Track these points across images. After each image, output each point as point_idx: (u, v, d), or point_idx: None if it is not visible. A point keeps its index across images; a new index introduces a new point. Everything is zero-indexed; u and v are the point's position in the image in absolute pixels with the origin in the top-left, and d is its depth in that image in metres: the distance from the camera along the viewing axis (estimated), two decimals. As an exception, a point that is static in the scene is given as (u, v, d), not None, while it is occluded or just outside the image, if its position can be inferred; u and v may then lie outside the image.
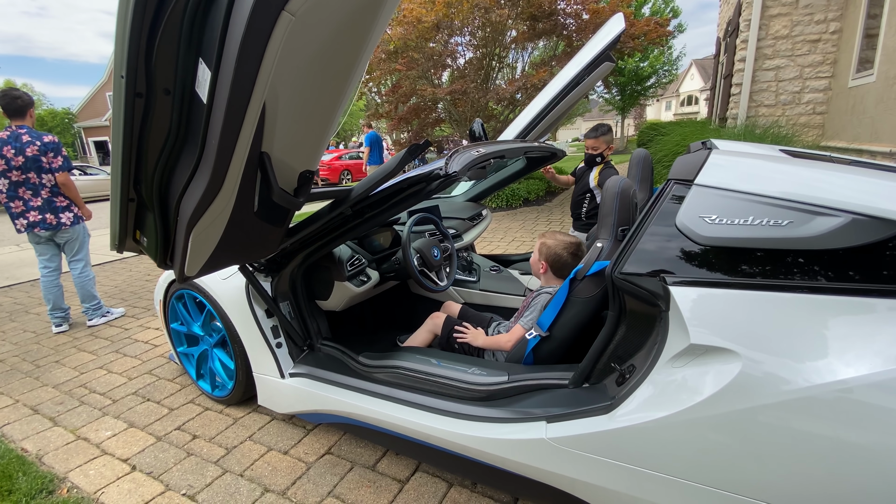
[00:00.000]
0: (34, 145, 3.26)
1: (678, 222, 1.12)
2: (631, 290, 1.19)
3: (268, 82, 1.04)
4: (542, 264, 1.91)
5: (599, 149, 3.32)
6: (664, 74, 25.36)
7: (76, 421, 2.43)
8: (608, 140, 3.31)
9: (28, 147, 3.25)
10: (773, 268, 1.03)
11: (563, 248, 1.85)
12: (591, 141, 3.33)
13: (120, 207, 1.47)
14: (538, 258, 1.93)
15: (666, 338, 1.11)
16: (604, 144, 3.31)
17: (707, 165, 1.17)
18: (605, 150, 3.32)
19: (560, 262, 1.85)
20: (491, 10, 7.12)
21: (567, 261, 1.83)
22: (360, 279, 2.11)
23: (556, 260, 1.86)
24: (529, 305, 1.85)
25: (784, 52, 6.66)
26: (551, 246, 1.88)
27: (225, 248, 1.52)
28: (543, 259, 1.91)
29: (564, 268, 1.82)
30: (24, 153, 3.24)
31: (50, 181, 3.41)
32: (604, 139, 3.31)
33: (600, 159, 3.35)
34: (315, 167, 1.47)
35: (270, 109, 1.17)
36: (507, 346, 1.77)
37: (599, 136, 3.31)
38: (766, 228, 1.03)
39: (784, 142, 5.46)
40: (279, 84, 1.09)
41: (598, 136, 3.30)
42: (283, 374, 2.03)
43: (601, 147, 3.32)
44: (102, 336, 3.65)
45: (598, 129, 3.35)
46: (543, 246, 1.91)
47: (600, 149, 3.32)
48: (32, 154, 3.26)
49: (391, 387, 1.73)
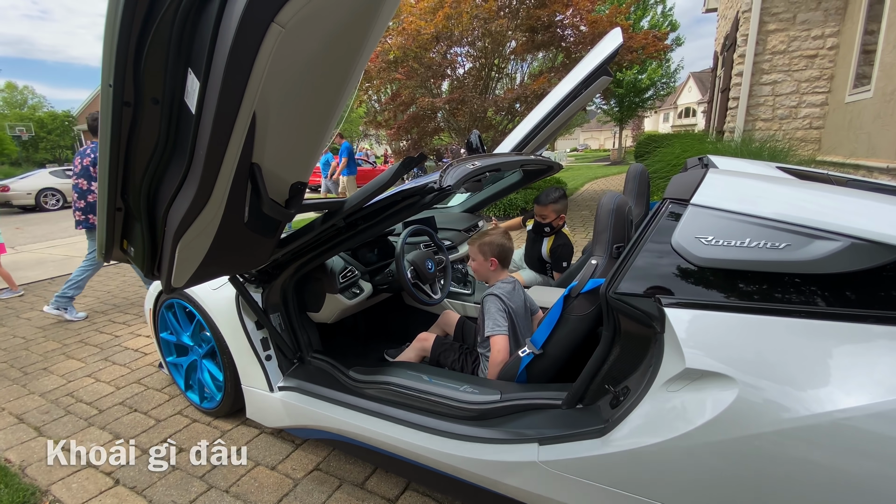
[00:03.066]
0: (89, 158, 3.92)
1: (674, 242, 1.10)
2: (625, 311, 1.16)
3: (257, 93, 1.02)
4: (492, 261, 1.97)
5: (548, 218, 2.81)
6: (662, 87, 25.61)
7: (61, 431, 2.39)
8: (559, 209, 2.80)
9: (86, 159, 3.93)
10: (770, 291, 1.00)
11: (499, 237, 1.97)
12: (539, 208, 2.82)
13: (107, 216, 1.45)
14: (483, 260, 1.99)
15: (661, 360, 1.09)
16: (553, 214, 2.80)
17: (703, 185, 1.15)
18: (555, 220, 2.82)
19: (504, 249, 1.96)
20: (490, 21, 7.16)
21: (508, 245, 1.97)
22: (352, 291, 2.08)
23: (501, 250, 1.96)
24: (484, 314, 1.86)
25: (781, 67, 6.71)
26: (490, 241, 1.97)
27: (214, 260, 1.50)
28: (491, 257, 1.97)
29: (508, 254, 1.97)
30: (82, 164, 3.93)
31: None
32: (553, 208, 2.79)
33: (549, 229, 2.87)
34: (306, 178, 1.45)
35: (261, 120, 1.15)
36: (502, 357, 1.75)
37: (549, 203, 2.80)
38: (763, 251, 1.01)
39: (781, 156, 5.47)
40: (270, 95, 1.08)
41: (548, 203, 2.80)
42: (273, 387, 1.99)
43: (550, 216, 2.80)
44: (92, 343, 3.60)
45: (549, 195, 2.82)
46: (483, 247, 1.98)
47: (549, 218, 2.81)
48: (86, 165, 3.92)
49: (381, 403, 1.69)
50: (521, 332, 1.89)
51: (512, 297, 1.88)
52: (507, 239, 1.98)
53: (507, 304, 1.83)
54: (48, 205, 14.10)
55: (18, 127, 26.93)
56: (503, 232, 2.00)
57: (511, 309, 1.84)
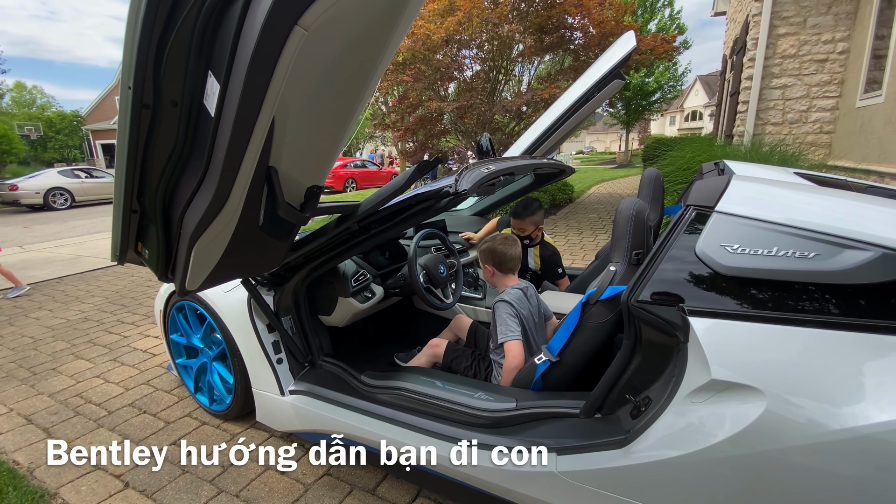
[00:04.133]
0: None
1: (698, 250, 1.08)
2: (648, 319, 1.14)
3: (277, 97, 1.01)
4: (488, 268, 1.96)
5: (527, 231, 2.72)
6: (669, 90, 25.51)
7: (70, 433, 2.38)
8: (536, 221, 2.73)
9: None
10: (798, 302, 0.98)
11: (492, 243, 1.94)
12: (517, 222, 2.72)
13: (122, 218, 1.44)
14: (482, 267, 1.99)
15: (684, 371, 1.07)
16: (531, 226, 2.72)
17: (728, 192, 1.14)
18: (534, 232, 2.76)
19: (497, 254, 1.92)
20: (500, 25, 7.16)
21: (505, 251, 1.91)
22: (364, 295, 2.06)
23: (494, 255, 1.93)
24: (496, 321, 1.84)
25: (791, 71, 6.66)
26: (484, 248, 1.95)
27: (228, 263, 1.49)
28: (486, 264, 1.96)
29: (507, 259, 1.92)
30: None
31: None
32: (531, 220, 2.71)
33: (528, 241, 2.79)
34: (322, 182, 1.44)
35: (280, 124, 1.14)
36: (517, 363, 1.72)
37: (526, 216, 2.70)
38: (792, 260, 0.99)
39: (791, 160, 5.43)
40: (290, 99, 1.07)
41: (526, 216, 2.70)
42: (283, 391, 1.98)
43: (528, 229, 2.72)
44: (101, 343, 3.60)
45: (527, 208, 2.72)
46: (480, 254, 1.98)
47: (528, 231, 2.72)
48: None
49: (394, 408, 1.68)
50: (533, 338, 1.87)
51: (522, 302, 1.87)
52: (501, 244, 1.93)
53: (517, 309, 1.82)
54: (56, 204, 14.20)
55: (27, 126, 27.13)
56: (501, 240, 1.95)
57: (522, 315, 1.83)
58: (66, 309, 4.58)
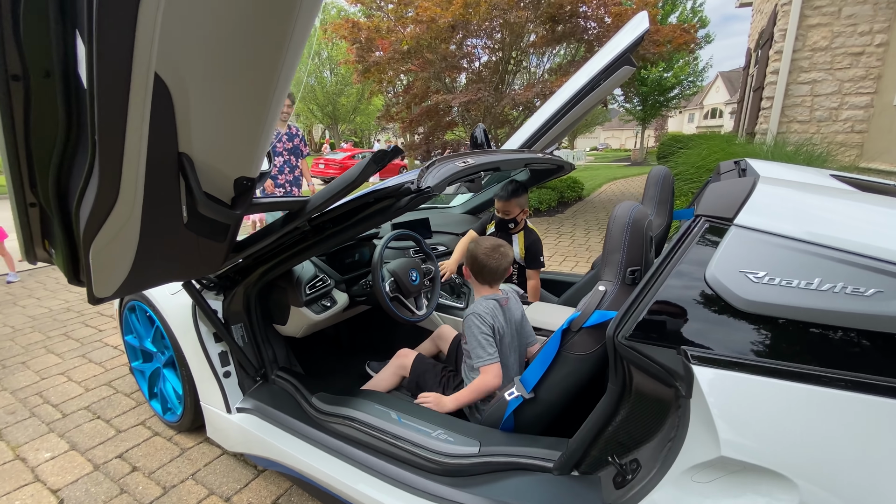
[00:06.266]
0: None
1: (709, 277, 0.81)
2: (639, 362, 0.88)
3: (151, 56, 0.76)
4: (466, 271, 1.74)
5: (511, 213, 2.60)
6: (688, 85, 24.71)
7: (20, 436, 2.21)
8: (521, 203, 2.61)
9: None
10: (849, 357, 0.71)
11: (482, 251, 1.68)
12: (501, 203, 2.61)
13: (19, 213, 1.23)
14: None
15: (685, 436, 0.80)
16: (517, 208, 2.60)
17: (753, 199, 0.86)
18: (520, 214, 2.62)
19: (479, 265, 1.68)
20: (509, 11, 6.80)
21: (484, 262, 1.66)
22: (321, 304, 1.81)
23: (476, 263, 1.68)
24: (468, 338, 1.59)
25: (822, 66, 6.21)
26: (471, 249, 1.71)
27: (149, 266, 1.27)
28: (466, 266, 1.73)
29: (484, 271, 1.68)
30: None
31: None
32: (516, 202, 2.59)
33: (513, 225, 2.65)
34: (253, 173, 1.20)
35: (179, 98, 0.90)
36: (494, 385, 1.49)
37: (511, 198, 2.58)
38: (841, 298, 0.71)
39: (818, 161, 5.04)
40: (180, 63, 0.83)
41: (510, 198, 2.58)
42: (230, 408, 1.76)
43: (514, 212, 2.60)
44: (75, 337, 3.45)
45: (507, 189, 2.62)
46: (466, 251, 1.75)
47: (512, 213, 2.60)
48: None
49: (344, 441, 1.43)
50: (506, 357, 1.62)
51: (496, 315, 1.61)
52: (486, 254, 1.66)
53: (491, 322, 1.57)
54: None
55: None
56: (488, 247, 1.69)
57: (494, 328, 1.58)
58: (53, 298, 4.46)
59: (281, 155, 4.81)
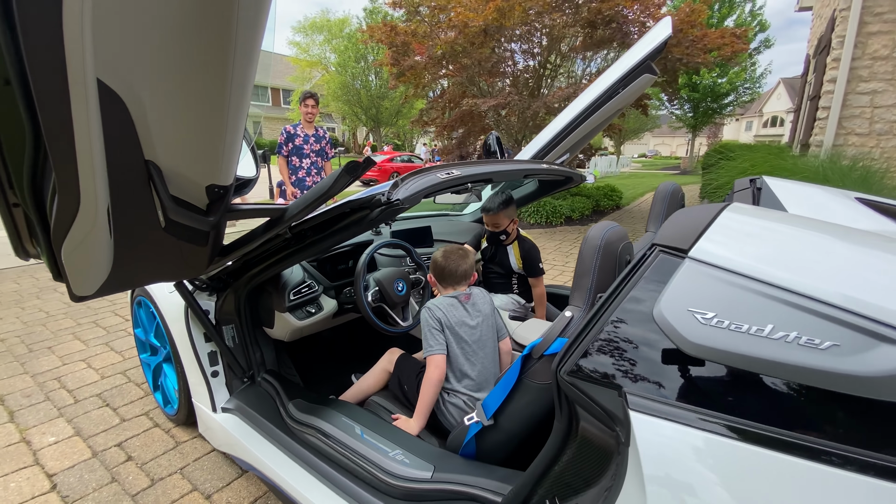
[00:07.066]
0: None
1: (657, 314, 0.73)
2: (580, 401, 0.80)
3: (84, 54, 0.76)
4: (430, 279, 1.74)
5: (501, 225, 2.51)
6: (745, 92, 23.43)
7: (31, 419, 2.34)
8: (510, 214, 2.51)
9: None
10: (801, 417, 0.61)
11: (441, 255, 1.70)
12: (489, 217, 2.51)
13: (3, 213, 1.29)
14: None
15: (620, 487, 0.72)
16: (506, 220, 2.50)
17: (713, 228, 0.77)
18: (510, 225, 2.54)
19: (438, 268, 1.69)
20: (545, 15, 6.67)
21: (443, 265, 1.68)
22: (305, 310, 1.81)
23: (436, 267, 1.70)
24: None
25: (883, 75, 5.70)
26: (433, 256, 1.71)
27: (129, 266, 1.31)
28: (430, 274, 1.73)
29: (444, 274, 1.69)
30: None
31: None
32: (504, 213, 2.48)
33: (505, 237, 2.57)
34: (224, 181, 1.20)
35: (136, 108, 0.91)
36: (438, 376, 1.50)
37: (499, 210, 2.46)
38: (794, 349, 0.62)
39: (874, 178, 4.61)
40: (126, 73, 0.83)
41: (498, 210, 2.46)
42: (216, 407, 1.79)
43: (503, 223, 2.50)
44: (103, 325, 3.63)
45: (495, 202, 2.49)
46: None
47: (502, 225, 2.51)
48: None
49: (310, 451, 1.42)
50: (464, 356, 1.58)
51: (452, 311, 1.59)
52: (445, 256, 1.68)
53: (443, 317, 1.57)
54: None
55: None
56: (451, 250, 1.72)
57: (451, 323, 1.57)
58: (92, 285, 4.73)
59: (308, 157, 4.90)
